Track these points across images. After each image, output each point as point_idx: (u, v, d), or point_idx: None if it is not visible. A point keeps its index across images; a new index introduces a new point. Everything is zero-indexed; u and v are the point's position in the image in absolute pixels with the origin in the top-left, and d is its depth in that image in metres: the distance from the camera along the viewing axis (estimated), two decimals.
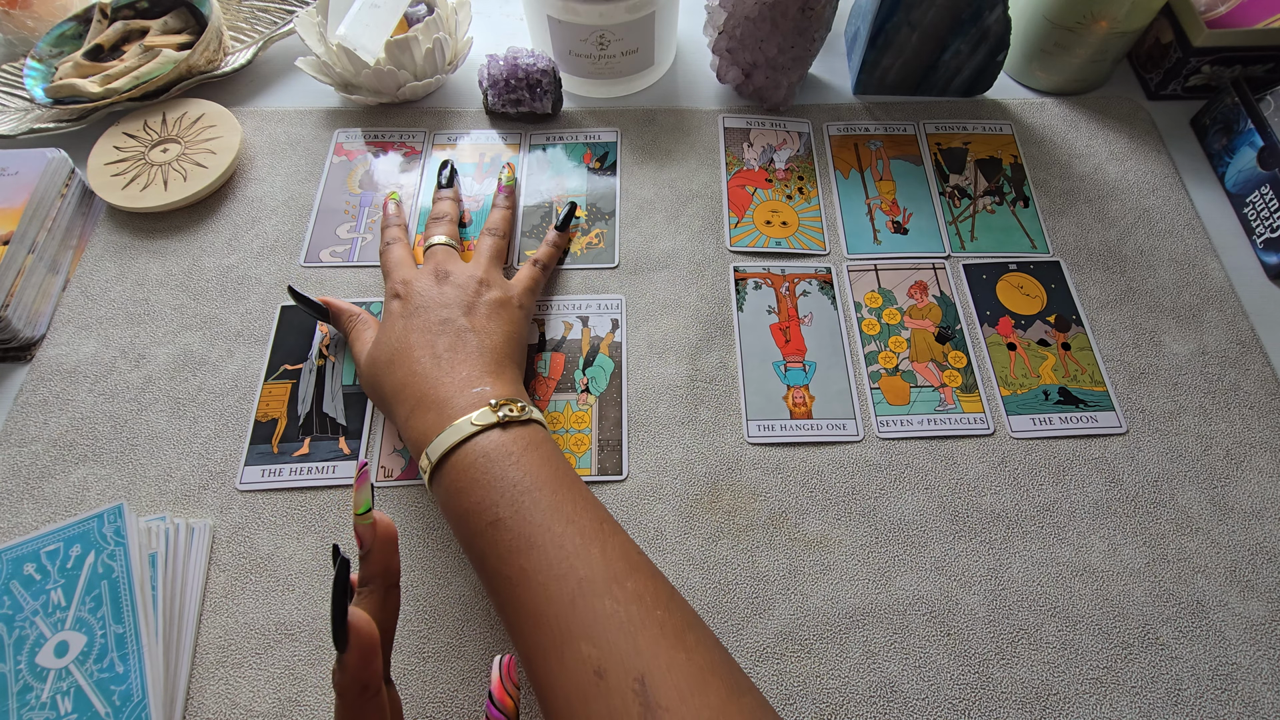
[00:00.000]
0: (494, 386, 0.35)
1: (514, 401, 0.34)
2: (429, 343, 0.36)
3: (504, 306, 0.39)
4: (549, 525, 0.30)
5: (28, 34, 0.55)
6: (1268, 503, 0.40)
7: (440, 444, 0.32)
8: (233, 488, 0.40)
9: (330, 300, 0.43)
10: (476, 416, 0.33)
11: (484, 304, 0.39)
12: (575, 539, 0.29)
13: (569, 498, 0.31)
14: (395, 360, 0.36)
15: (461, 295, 0.38)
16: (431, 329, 0.37)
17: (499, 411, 0.33)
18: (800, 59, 0.50)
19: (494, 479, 0.31)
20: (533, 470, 0.32)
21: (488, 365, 0.36)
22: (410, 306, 0.38)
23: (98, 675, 0.33)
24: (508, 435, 0.33)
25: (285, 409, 0.42)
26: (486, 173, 0.51)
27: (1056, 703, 0.35)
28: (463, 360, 0.36)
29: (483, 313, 0.38)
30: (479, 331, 0.37)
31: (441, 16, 0.51)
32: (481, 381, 0.35)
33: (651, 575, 0.30)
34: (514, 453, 0.32)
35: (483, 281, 0.40)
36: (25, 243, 0.44)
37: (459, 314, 0.38)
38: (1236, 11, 0.51)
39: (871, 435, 0.42)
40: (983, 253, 0.48)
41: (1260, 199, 0.48)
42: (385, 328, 0.38)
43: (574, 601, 0.28)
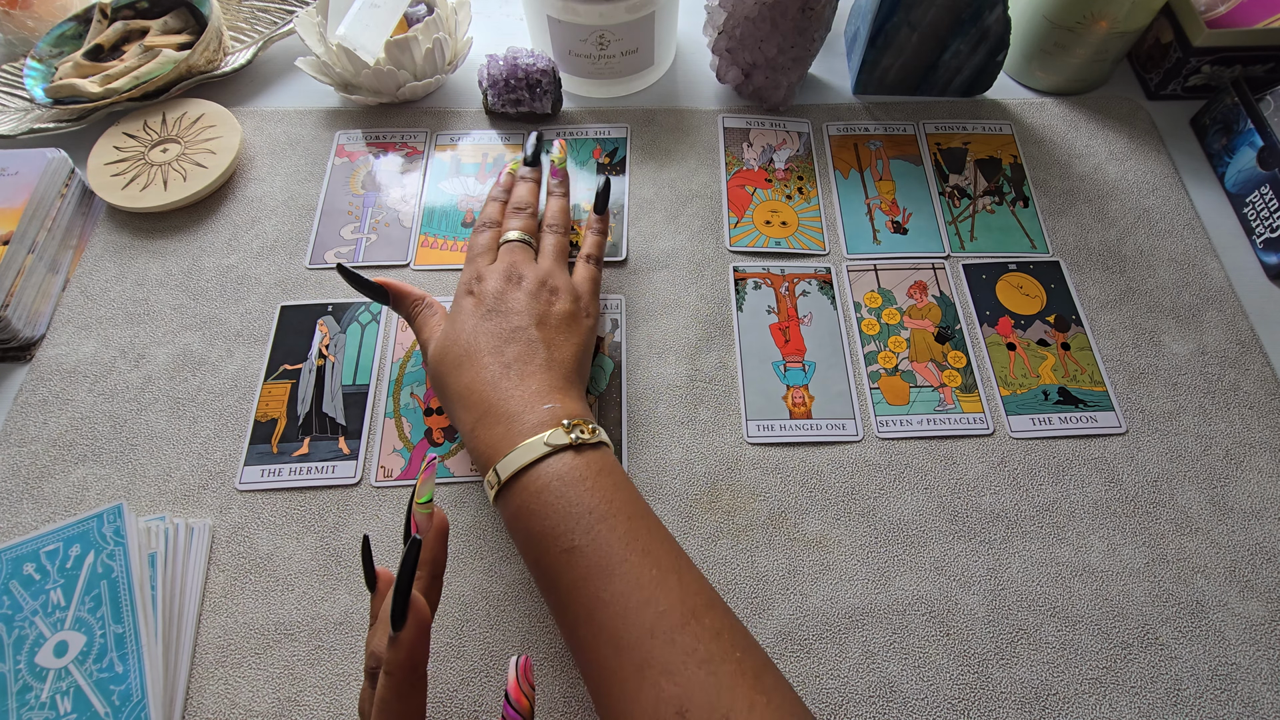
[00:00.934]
0: (564, 404, 0.34)
1: (585, 422, 0.33)
2: (498, 349, 0.35)
3: (574, 319, 0.38)
4: (626, 555, 0.29)
5: (28, 34, 0.55)
6: (1268, 503, 0.40)
7: (511, 462, 0.32)
8: (232, 488, 0.40)
9: (391, 282, 0.40)
10: (549, 437, 0.32)
11: (555, 315, 0.38)
12: (652, 570, 0.29)
13: (644, 527, 0.31)
14: (463, 362, 0.35)
15: (533, 304, 0.37)
16: (502, 334, 0.36)
17: (571, 433, 0.32)
18: (800, 59, 0.50)
19: (569, 504, 0.30)
20: (608, 496, 0.31)
21: (556, 381, 0.35)
22: (482, 307, 0.37)
23: (97, 675, 0.33)
24: (581, 459, 0.32)
25: (285, 409, 0.42)
26: (490, 172, 0.51)
27: (1056, 703, 0.35)
28: (533, 373, 0.35)
29: (553, 324, 0.37)
30: (549, 344, 0.36)
31: (441, 16, 0.51)
32: (551, 398, 0.34)
33: (726, 612, 0.29)
34: (588, 477, 0.31)
35: (554, 289, 0.39)
36: (25, 243, 0.44)
37: (530, 323, 0.36)
38: (1236, 11, 0.51)
39: (871, 435, 0.42)
40: (982, 253, 0.48)
41: (1260, 199, 0.48)
42: (455, 322, 0.37)
43: (653, 633, 0.27)
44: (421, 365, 0.40)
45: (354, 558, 0.38)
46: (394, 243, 0.48)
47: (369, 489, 0.40)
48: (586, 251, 0.43)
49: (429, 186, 0.51)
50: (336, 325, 0.45)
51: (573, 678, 0.35)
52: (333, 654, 0.36)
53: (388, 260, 0.47)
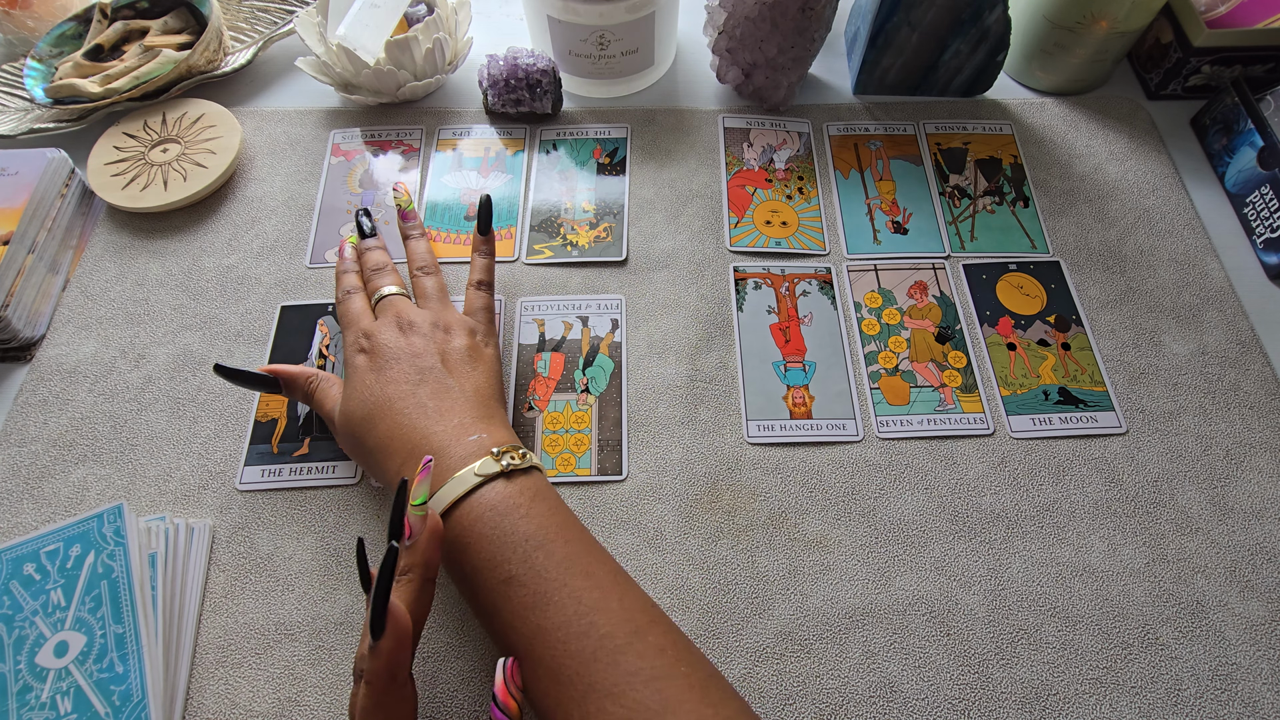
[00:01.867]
0: (489, 433, 0.34)
1: (514, 449, 0.33)
2: (409, 393, 0.35)
3: (475, 351, 0.38)
4: (565, 580, 0.29)
5: (28, 34, 0.55)
6: (1268, 503, 0.40)
7: (443, 497, 0.31)
8: (232, 487, 0.40)
9: (277, 369, 0.39)
10: (479, 466, 0.31)
11: (454, 352, 0.37)
12: (593, 592, 0.29)
13: (581, 550, 0.31)
14: (374, 415, 0.34)
15: (430, 344, 0.37)
16: (410, 380, 0.35)
17: (501, 460, 0.32)
18: (800, 59, 0.50)
19: (504, 533, 0.30)
20: (543, 522, 0.31)
21: (477, 411, 0.35)
22: (379, 360, 0.36)
23: (97, 675, 0.33)
24: (513, 485, 0.32)
25: (285, 409, 0.42)
26: (492, 166, 0.51)
27: (1056, 703, 0.35)
28: (450, 407, 0.34)
29: (456, 359, 0.37)
30: (459, 377, 0.36)
31: (441, 16, 0.51)
32: (476, 428, 0.34)
33: (670, 628, 0.29)
34: (521, 504, 0.31)
35: (446, 327, 0.38)
36: (25, 243, 0.44)
37: (435, 361, 0.36)
38: (1236, 11, 0.51)
39: (871, 435, 0.42)
40: (982, 253, 0.48)
41: (1260, 199, 0.48)
42: (355, 383, 0.36)
43: (596, 656, 0.27)
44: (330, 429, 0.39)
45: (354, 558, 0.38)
46: (393, 240, 0.48)
47: (369, 489, 0.40)
48: (476, 278, 0.42)
49: (432, 181, 0.51)
50: (337, 325, 0.45)
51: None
52: (333, 654, 0.36)
53: None
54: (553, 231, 0.48)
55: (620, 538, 0.38)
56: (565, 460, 0.41)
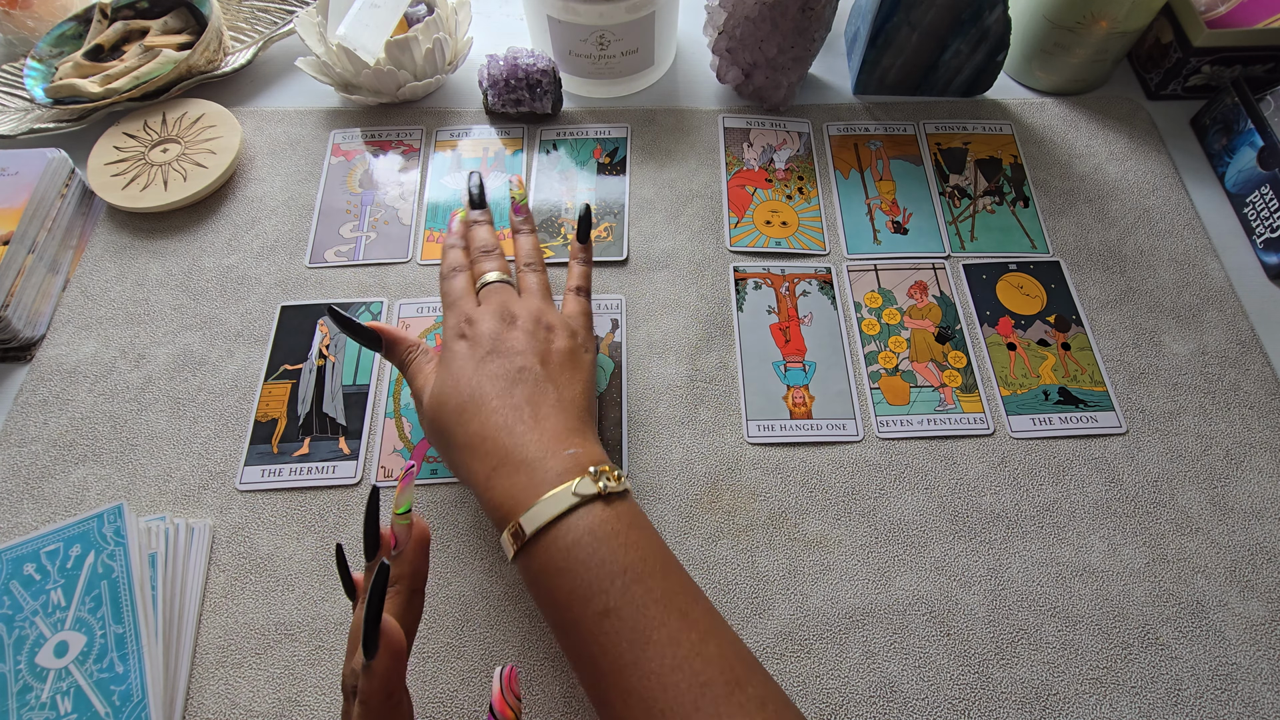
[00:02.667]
0: (585, 448, 0.32)
1: (610, 469, 0.31)
2: (505, 391, 0.33)
3: (575, 355, 0.36)
4: (664, 619, 0.27)
5: (28, 34, 0.55)
6: (1268, 503, 0.40)
7: (537, 515, 0.29)
8: (233, 488, 0.40)
9: (384, 327, 0.38)
10: (577, 486, 0.29)
11: (556, 352, 0.36)
12: (691, 634, 0.27)
13: (678, 585, 0.29)
14: (467, 408, 0.33)
15: (532, 342, 0.35)
16: (508, 376, 0.34)
17: (600, 482, 0.30)
18: (800, 59, 0.50)
19: (601, 562, 0.28)
20: (642, 554, 0.29)
21: (573, 422, 0.33)
22: (479, 350, 0.35)
23: (97, 675, 0.33)
24: (611, 511, 0.30)
25: (285, 409, 0.42)
26: (491, 167, 0.51)
27: (1056, 703, 0.35)
28: (547, 414, 0.33)
29: (556, 362, 0.35)
30: (557, 383, 0.34)
31: (441, 16, 0.51)
32: (571, 441, 0.32)
33: (767, 678, 0.28)
34: (620, 531, 0.29)
35: (550, 327, 0.37)
36: (25, 243, 0.44)
37: (534, 361, 0.34)
38: (1236, 11, 0.51)
39: (871, 435, 0.42)
40: (983, 253, 0.48)
41: (1260, 199, 0.48)
42: (451, 369, 0.35)
43: (698, 706, 0.26)
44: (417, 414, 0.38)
45: (355, 557, 0.38)
46: (394, 240, 0.48)
47: (369, 489, 0.40)
48: (575, 284, 0.41)
49: (431, 182, 0.51)
50: (335, 328, 0.45)
51: (573, 678, 0.35)
52: (333, 654, 0.36)
53: (388, 257, 0.47)
54: (553, 231, 0.48)
55: None
56: None
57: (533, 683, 0.35)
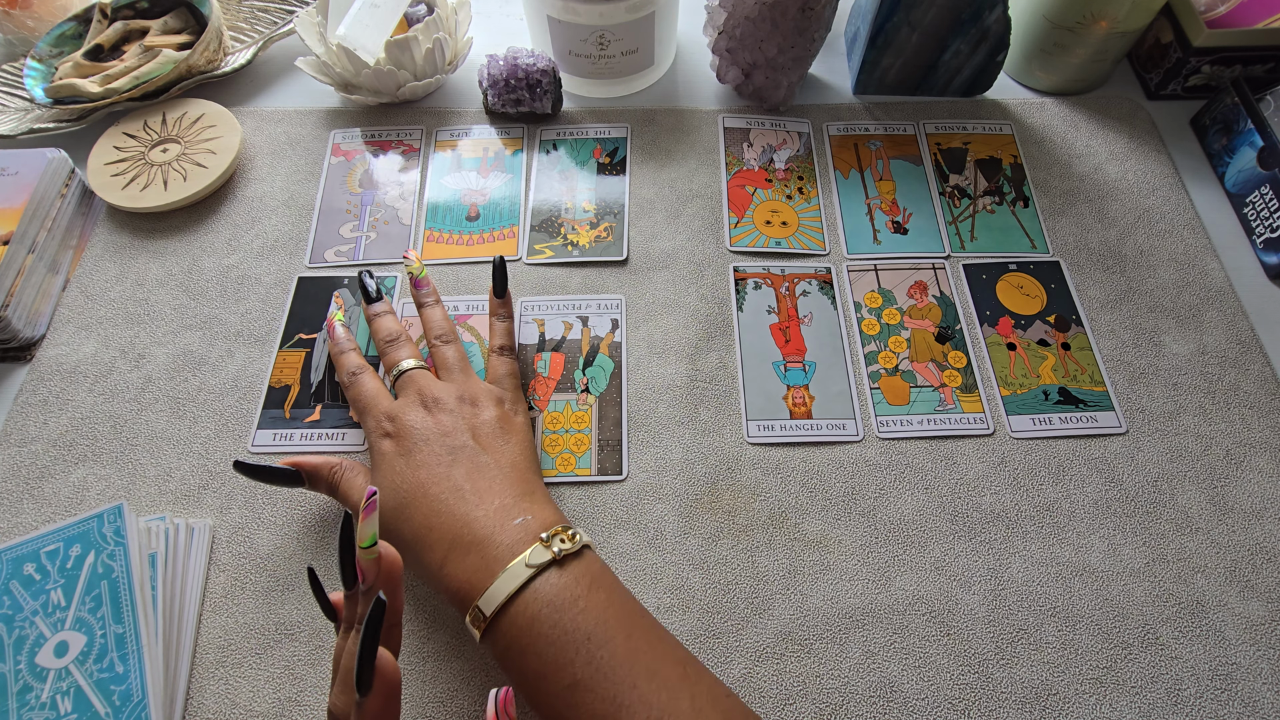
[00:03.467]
0: (533, 513, 0.32)
1: (563, 529, 0.31)
2: (444, 476, 0.33)
3: (506, 422, 0.36)
4: (633, 681, 0.27)
5: (28, 34, 0.55)
6: (1268, 503, 0.40)
7: (494, 595, 0.29)
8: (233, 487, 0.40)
9: (299, 460, 0.37)
10: (530, 555, 0.29)
11: (485, 424, 0.35)
12: (662, 694, 0.27)
13: (645, 643, 0.29)
14: (408, 504, 0.33)
15: (459, 420, 0.35)
16: (442, 461, 0.33)
17: (552, 545, 0.30)
18: (800, 59, 0.50)
19: (564, 633, 0.28)
20: (602, 616, 0.29)
21: (517, 488, 0.33)
22: (407, 443, 0.34)
23: (98, 675, 0.33)
24: (567, 575, 0.30)
25: (299, 376, 0.43)
26: (491, 166, 0.51)
27: (1056, 703, 0.35)
28: (487, 488, 0.32)
29: (487, 433, 0.35)
30: (492, 451, 0.34)
31: (441, 16, 0.51)
32: (518, 509, 0.32)
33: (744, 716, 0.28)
34: (579, 596, 0.29)
35: (474, 400, 0.37)
36: (25, 243, 0.44)
37: (466, 439, 0.34)
38: (1236, 11, 0.51)
39: (871, 435, 0.42)
40: (983, 253, 0.48)
41: (1260, 199, 0.48)
42: (383, 471, 0.34)
43: None
44: None
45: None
46: (394, 240, 0.48)
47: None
48: (499, 343, 0.41)
49: (431, 182, 0.51)
50: (352, 298, 0.46)
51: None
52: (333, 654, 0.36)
53: (389, 257, 0.47)
54: (553, 231, 0.48)
55: (620, 538, 0.38)
56: (565, 460, 0.41)
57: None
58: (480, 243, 0.48)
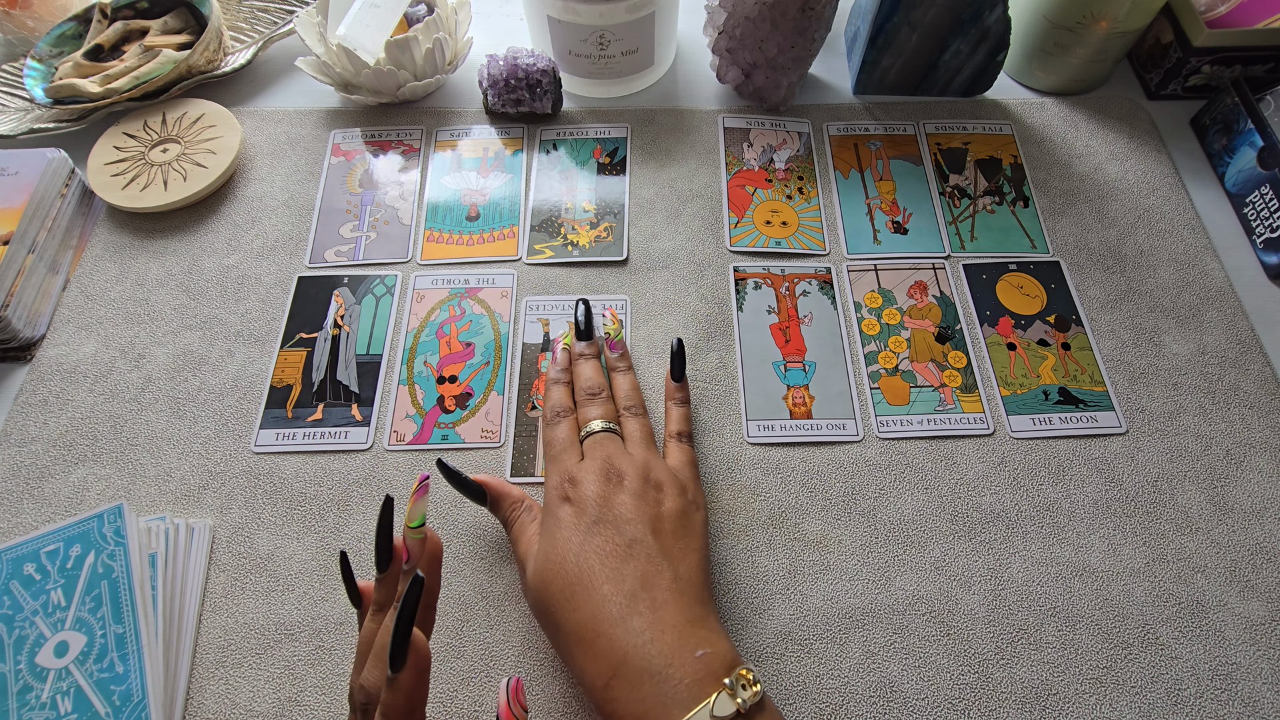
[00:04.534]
0: (713, 644, 0.28)
1: (746, 671, 0.28)
2: (615, 572, 0.30)
3: (687, 518, 0.33)
4: None
5: (28, 34, 0.55)
6: (1268, 503, 0.40)
7: None
8: (233, 487, 0.40)
9: (490, 482, 0.36)
10: (717, 706, 0.26)
11: (668, 516, 0.32)
12: None
13: None
14: (576, 592, 0.30)
15: (641, 506, 0.32)
16: (618, 554, 0.30)
17: (737, 696, 0.27)
18: (800, 59, 0.50)
19: None
20: None
21: (695, 610, 0.30)
22: (585, 517, 0.32)
23: (98, 675, 0.33)
24: None
25: (300, 375, 0.43)
26: (491, 167, 0.51)
27: (1056, 703, 0.35)
28: (664, 601, 0.29)
29: (669, 529, 0.32)
30: (671, 558, 0.31)
31: (441, 16, 0.51)
32: (697, 636, 0.28)
33: None
34: None
35: (659, 485, 0.34)
36: (25, 243, 0.44)
37: (645, 532, 0.31)
38: (1236, 11, 0.51)
39: (871, 435, 0.42)
40: (983, 253, 0.48)
41: (1260, 199, 0.48)
42: (555, 541, 0.32)
43: None
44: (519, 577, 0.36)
45: (356, 558, 0.38)
46: (394, 240, 0.48)
47: (381, 453, 0.41)
48: (676, 429, 0.38)
49: (431, 182, 0.51)
50: (352, 296, 0.46)
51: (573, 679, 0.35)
52: (333, 654, 0.36)
53: (388, 257, 0.47)
54: (553, 231, 0.48)
55: None
56: None
57: (532, 684, 0.35)
58: (480, 242, 0.48)
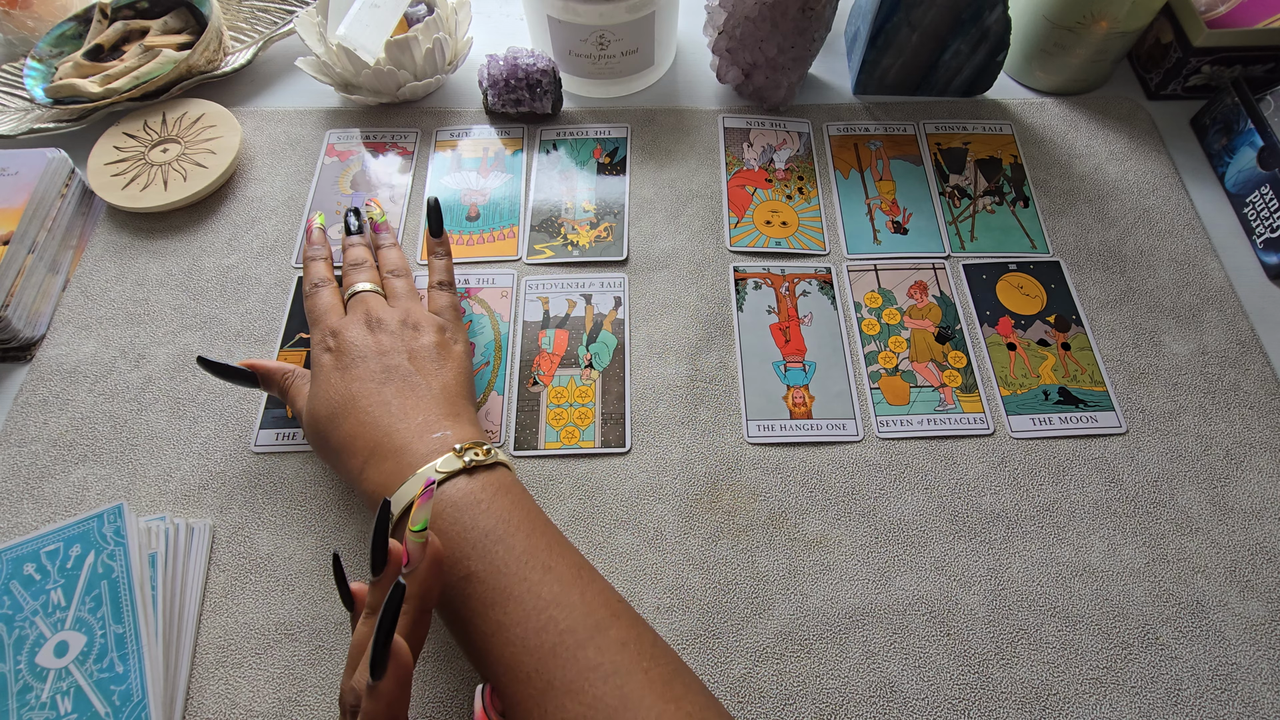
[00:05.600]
0: (454, 430, 0.33)
1: (478, 444, 0.32)
2: (374, 391, 0.34)
3: (444, 349, 0.37)
4: (524, 574, 0.29)
5: (28, 34, 0.55)
6: (1268, 503, 0.40)
7: (403, 495, 0.30)
8: (233, 487, 0.40)
9: (255, 363, 0.39)
10: (441, 463, 0.31)
11: (423, 348, 0.37)
12: (553, 586, 0.28)
13: (544, 543, 0.30)
14: (339, 414, 0.34)
15: (398, 342, 0.37)
16: (375, 378, 0.35)
17: (464, 456, 0.31)
18: (800, 59, 0.50)
19: (464, 529, 0.30)
20: (504, 516, 0.30)
21: (443, 408, 0.34)
22: (346, 358, 0.36)
23: (98, 675, 0.33)
24: (475, 481, 0.31)
25: None
26: (491, 167, 0.51)
27: (1056, 703, 0.35)
28: (414, 405, 0.34)
29: (424, 357, 0.36)
30: (425, 375, 0.36)
31: (441, 16, 0.51)
32: (440, 425, 0.33)
33: (634, 621, 0.29)
34: (483, 500, 0.31)
35: (415, 325, 0.38)
36: (25, 243, 0.44)
37: (402, 360, 0.36)
38: (1236, 11, 0.51)
39: (871, 435, 0.42)
40: (983, 253, 0.48)
41: (1260, 199, 0.48)
42: (320, 382, 0.36)
43: (555, 652, 0.27)
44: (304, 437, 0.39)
45: (355, 558, 0.38)
46: None
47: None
48: (438, 279, 0.42)
49: (431, 182, 0.51)
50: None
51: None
52: (333, 654, 0.36)
53: None
54: (553, 231, 0.49)
55: (620, 538, 0.38)
56: (570, 433, 0.41)
57: None
58: (480, 242, 0.48)
